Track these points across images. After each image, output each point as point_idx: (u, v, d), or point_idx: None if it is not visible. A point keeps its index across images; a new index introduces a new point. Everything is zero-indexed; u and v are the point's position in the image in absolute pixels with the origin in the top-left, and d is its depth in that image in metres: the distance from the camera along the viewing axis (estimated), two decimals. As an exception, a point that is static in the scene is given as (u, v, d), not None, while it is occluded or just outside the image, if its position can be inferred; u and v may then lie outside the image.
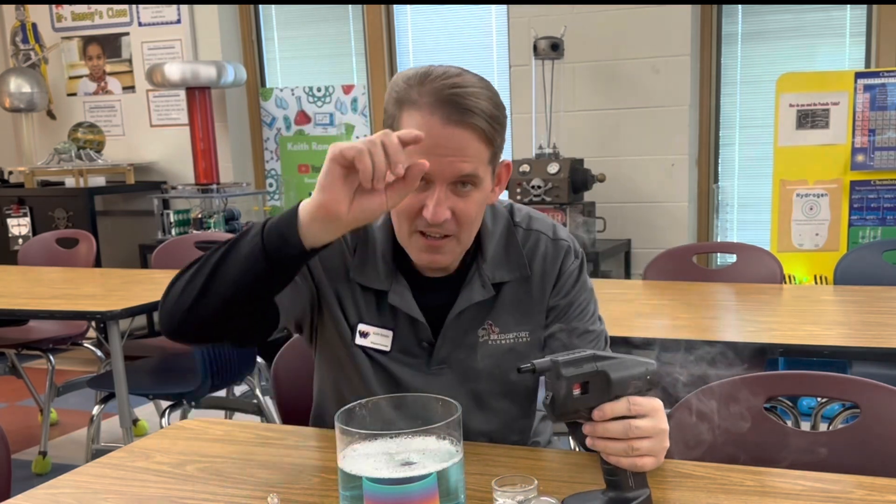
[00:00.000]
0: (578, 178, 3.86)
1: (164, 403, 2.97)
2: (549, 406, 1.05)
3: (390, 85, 1.29)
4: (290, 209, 1.16)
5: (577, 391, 1.05)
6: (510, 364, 1.35)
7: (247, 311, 1.22)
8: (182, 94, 5.07)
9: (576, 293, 1.41)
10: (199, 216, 4.87)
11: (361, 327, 1.37)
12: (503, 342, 1.38)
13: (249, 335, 1.28)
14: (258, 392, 3.01)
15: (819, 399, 2.54)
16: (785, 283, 2.84)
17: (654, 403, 1.09)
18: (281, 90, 5.14)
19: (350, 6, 4.95)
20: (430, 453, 1.03)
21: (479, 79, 1.27)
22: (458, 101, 1.21)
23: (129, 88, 5.36)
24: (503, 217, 1.42)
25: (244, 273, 1.17)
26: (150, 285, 3.11)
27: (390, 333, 1.37)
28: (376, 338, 1.37)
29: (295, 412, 1.77)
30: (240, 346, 1.30)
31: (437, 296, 1.36)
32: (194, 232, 4.75)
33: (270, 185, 5.25)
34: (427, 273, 1.37)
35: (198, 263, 1.23)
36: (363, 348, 1.37)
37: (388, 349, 1.37)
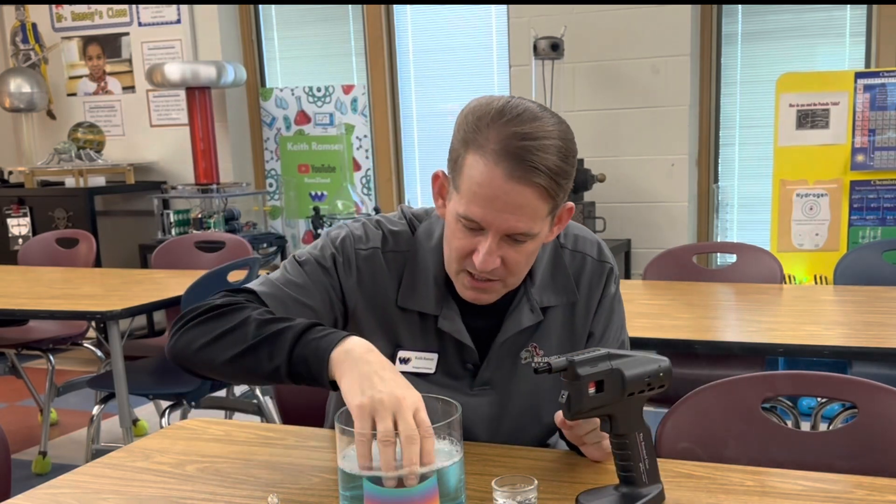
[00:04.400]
0: (578, 178, 3.86)
1: (164, 403, 2.97)
2: (566, 405, 1.07)
3: (461, 116, 1.22)
4: (323, 349, 1.14)
5: (591, 390, 1.06)
6: (547, 386, 1.34)
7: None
8: (182, 94, 5.07)
9: (613, 317, 1.41)
10: (199, 216, 4.87)
11: (402, 354, 1.35)
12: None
13: None
14: (258, 392, 3.01)
15: (819, 399, 2.54)
16: (785, 283, 2.84)
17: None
18: (281, 90, 5.14)
19: (350, 6, 4.95)
20: (429, 453, 1.03)
21: (555, 123, 1.20)
22: (524, 156, 1.15)
23: (129, 88, 5.36)
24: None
25: (262, 377, 1.20)
26: (150, 285, 3.11)
27: (435, 356, 1.35)
28: (419, 362, 1.36)
29: (295, 412, 1.77)
30: None
31: (485, 318, 1.35)
32: (194, 232, 4.75)
33: (270, 185, 5.25)
34: None
35: (223, 327, 1.22)
36: (403, 374, 1.37)
37: (432, 371, 1.35)
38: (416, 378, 1.34)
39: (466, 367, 1.36)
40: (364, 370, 1.08)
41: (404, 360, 1.35)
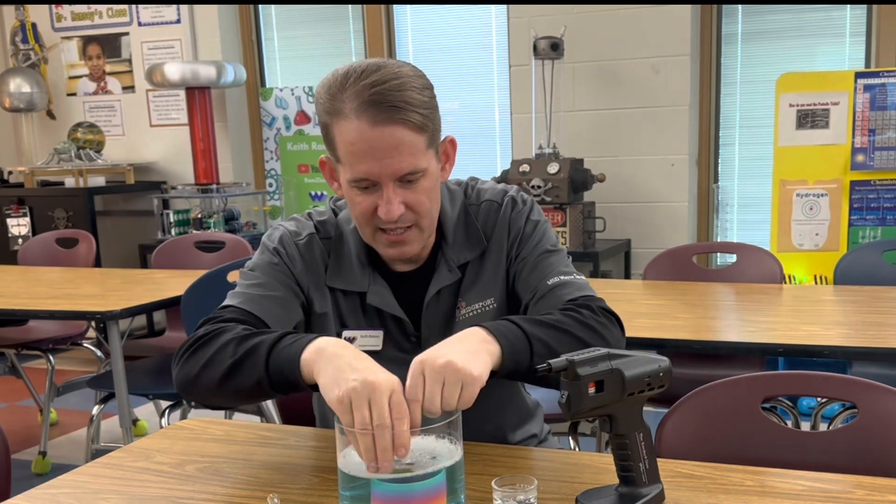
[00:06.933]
0: (578, 178, 3.86)
1: (164, 403, 2.97)
2: (565, 405, 1.07)
3: (315, 98, 1.31)
4: (294, 354, 1.17)
5: (591, 390, 1.06)
6: None
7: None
8: (182, 94, 5.07)
9: (528, 229, 1.43)
10: (199, 216, 4.87)
11: (346, 333, 1.40)
12: (472, 314, 1.42)
13: None
14: (258, 392, 3.01)
15: (819, 399, 2.54)
16: (785, 283, 2.84)
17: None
18: (281, 90, 5.14)
19: (350, 6, 4.95)
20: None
21: (400, 65, 1.26)
22: (381, 100, 1.22)
23: (129, 88, 5.36)
24: (459, 198, 1.45)
25: (250, 394, 1.25)
26: (150, 285, 3.11)
27: (380, 333, 1.40)
28: (365, 340, 1.40)
29: (295, 412, 1.77)
30: None
31: (415, 290, 1.41)
32: (194, 232, 4.75)
33: (270, 185, 5.25)
34: (400, 268, 1.41)
35: (207, 354, 1.26)
36: None
37: (379, 348, 1.39)
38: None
39: (410, 339, 1.41)
40: (337, 364, 1.10)
41: (350, 340, 1.39)
